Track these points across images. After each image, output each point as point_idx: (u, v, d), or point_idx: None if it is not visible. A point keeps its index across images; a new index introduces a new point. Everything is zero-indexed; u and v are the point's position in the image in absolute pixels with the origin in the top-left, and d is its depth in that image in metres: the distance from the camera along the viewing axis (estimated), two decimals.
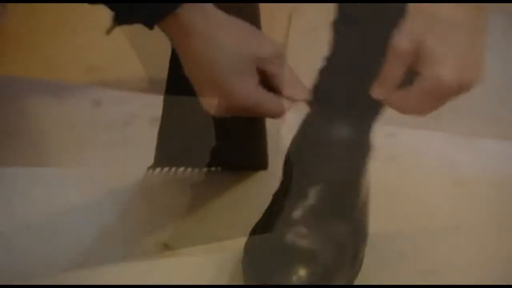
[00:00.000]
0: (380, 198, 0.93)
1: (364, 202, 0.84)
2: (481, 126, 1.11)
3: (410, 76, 0.68)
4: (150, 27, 0.71)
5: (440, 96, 0.67)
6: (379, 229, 0.86)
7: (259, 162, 0.99)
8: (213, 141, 0.93)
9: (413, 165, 1.02)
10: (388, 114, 1.15)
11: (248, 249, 0.80)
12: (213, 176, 0.99)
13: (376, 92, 0.69)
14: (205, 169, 0.99)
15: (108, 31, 0.73)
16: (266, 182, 0.84)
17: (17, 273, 0.87)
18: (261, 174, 0.97)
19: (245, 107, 0.74)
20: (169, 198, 0.97)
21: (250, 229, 0.83)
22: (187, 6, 0.70)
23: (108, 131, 1.08)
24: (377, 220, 0.86)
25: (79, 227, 0.94)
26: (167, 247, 0.91)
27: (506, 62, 1.32)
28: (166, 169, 0.99)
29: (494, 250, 0.86)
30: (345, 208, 0.81)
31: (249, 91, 0.73)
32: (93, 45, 1.19)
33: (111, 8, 0.71)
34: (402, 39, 0.66)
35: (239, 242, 0.85)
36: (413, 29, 0.66)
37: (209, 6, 0.72)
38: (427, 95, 0.67)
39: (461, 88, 0.67)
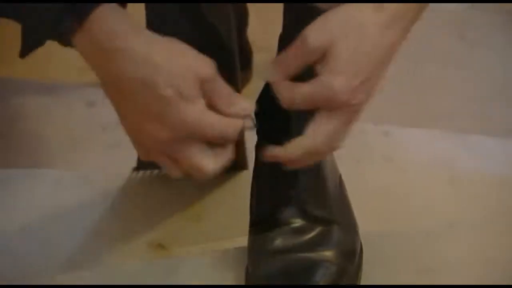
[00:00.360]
0: (375, 197, 0.94)
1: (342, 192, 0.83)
2: (476, 124, 1.11)
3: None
4: (65, 42, 0.62)
5: (324, 103, 0.64)
6: (375, 228, 0.86)
7: (238, 163, 0.98)
8: None
9: (408, 164, 1.02)
10: (384, 113, 1.16)
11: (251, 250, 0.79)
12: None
13: (270, 73, 0.66)
14: None
15: (21, 55, 0.65)
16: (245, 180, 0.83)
17: (13, 273, 0.87)
18: (246, 174, 0.96)
19: (196, 133, 0.65)
20: (162, 198, 0.97)
21: (244, 228, 0.83)
22: (104, 15, 0.60)
23: (102, 132, 1.08)
24: (373, 219, 0.86)
25: (74, 228, 0.93)
26: (162, 247, 0.91)
27: (504, 62, 1.33)
28: (149, 171, 0.98)
29: (490, 248, 0.86)
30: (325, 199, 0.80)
31: (199, 115, 0.64)
32: None
33: (19, 21, 0.63)
34: (313, 34, 0.63)
35: (234, 242, 0.85)
36: (329, 28, 0.63)
37: (134, 22, 0.63)
38: (314, 99, 0.64)
39: (347, 107, 0.64)
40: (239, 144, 0.99)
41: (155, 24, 0.86)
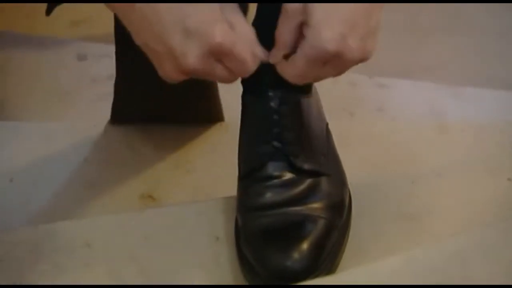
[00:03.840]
0: (365, 146, 0.94)
1: (329, 142, 0.83)
2: (469, 75, 1.11)
3: None
4: None
5: (322, 60, 0.65)
6: (363, 177, 0.86)
7: (214, 115, 0.98)
8: (166, 97, 0.91)
9: (399, 114, 1.02)
10: (379, 66, 1.16)
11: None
12: (180, 130, 0.99)
13: (272, 56, 0.68)
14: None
15: (48, 12, 0.69)
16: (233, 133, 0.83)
17: (1, 226, 0.87)
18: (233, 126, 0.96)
19: (221, 50, 0.66)
20: (148, 150, 0.97)
21: (233, 180, 0.83)
22: None
23: (92, 84, 1.08)
24: (362, 168, 0.86)
25: (62, 180, 0.93)
26: (152, 199, 0.91)
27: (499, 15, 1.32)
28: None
29: (473, 195, 0.86)
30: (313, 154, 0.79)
31: (224, 32, 0.65)
32: None
33: None
34: (291, 2, 0.65)
35: (223, 192, 0.85)
36: None
37: None
38: (311, 60, 0.65)
39: (344, 56, 0.64)
40: (214, 96, 0.99)
41: None
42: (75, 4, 1.20)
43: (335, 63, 0.65)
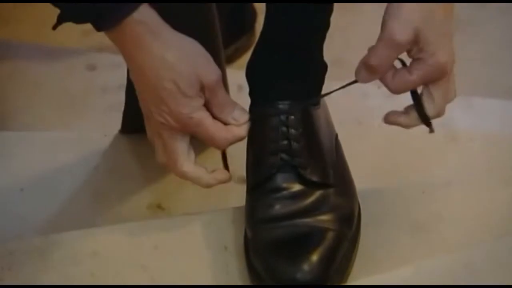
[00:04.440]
0: (374, 156, 0.93)
1: (338, 153, 0.83)
2: (479, 85, 1.10)
3: None
4: (98, 29, 0.71)
5: (437, 77, 0.73)
6: (373, 186, 0.85)
7: None
8: None
9: None
10: None
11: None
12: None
13: (364, 77, 0.73)
14: None
15: (54, 27, 0.73)
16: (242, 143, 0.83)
17: (9, 234, 0.88)
18: None
19: (187, 127, 0.74)
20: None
21: (242, 190, 0.82)
22: (134, 20, 0.70)
23: (102, 94, 1.08)
24: (371, 178, 0.85)
25: (72, 190, 0.94)
26: (161, 209, 0.91)
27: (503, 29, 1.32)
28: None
29: (484, 203, 0.85)
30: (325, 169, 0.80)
31: (192, 110, 0.73)
32: None
33: (57, 6, 0.71)
34: (402, 29, 0.71)
35: (232, 203, 0.85)
36: (412, 20, 0.71)
37: (159, 21, 0.72)
38: (426, 78, 0.73)
39: (450, 69, 0.73)
40: None
41: None
42: None
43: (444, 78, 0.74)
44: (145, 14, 0.71)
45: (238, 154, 0.83)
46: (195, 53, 0.74)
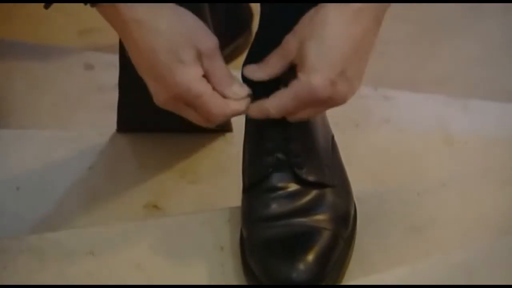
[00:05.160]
0: (371, 158, 0.94)
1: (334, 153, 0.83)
2: (476, 88, 1.11)
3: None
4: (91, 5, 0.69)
5: (309, 103, 0.69)
6: (369, 188, 0.86)
7: (222, 125, 0.97)
8: None
9: (405, 126, 1.02)
10: (385, 78, 1.16)
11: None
12: (186, 140, 0.99)
13: (252, 72, 0.72)
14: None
15: (46, 6, 0.71)
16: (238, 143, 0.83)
17: (4, 232, 0.88)
18: (238, 136, 0.96)
19: (186, 98, 0.70)
20: (154, 160, 0.97)
21: (238, 190, 0.83)
22: None
23: (99, 93, 1.08)
24: (367, 179, 0.86)
25: (68, 188, 0.94)
26: (157, 208, 0.91)
27: (504, 27, 1.33)
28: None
29: (480, 205, 0.86)
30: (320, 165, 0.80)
31: (190, 80, 0.70)
32: (86, 9, 1.18)
33: None
34: (289, 37, 0.70)
35: (228, 203, 0.85)
36: (299, 29, 0.69)
37: None
38: (298, 100, 0.69)
39: (332, 100, 0.69)
40: None
41: None
42: (82, 14, 1.21)
43: (321, 105, 0.71)
44: None
45: (236, 154, 0.83)
46: (189, 20, 0.72)
